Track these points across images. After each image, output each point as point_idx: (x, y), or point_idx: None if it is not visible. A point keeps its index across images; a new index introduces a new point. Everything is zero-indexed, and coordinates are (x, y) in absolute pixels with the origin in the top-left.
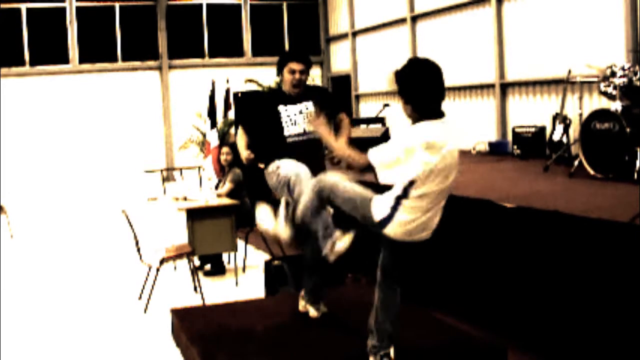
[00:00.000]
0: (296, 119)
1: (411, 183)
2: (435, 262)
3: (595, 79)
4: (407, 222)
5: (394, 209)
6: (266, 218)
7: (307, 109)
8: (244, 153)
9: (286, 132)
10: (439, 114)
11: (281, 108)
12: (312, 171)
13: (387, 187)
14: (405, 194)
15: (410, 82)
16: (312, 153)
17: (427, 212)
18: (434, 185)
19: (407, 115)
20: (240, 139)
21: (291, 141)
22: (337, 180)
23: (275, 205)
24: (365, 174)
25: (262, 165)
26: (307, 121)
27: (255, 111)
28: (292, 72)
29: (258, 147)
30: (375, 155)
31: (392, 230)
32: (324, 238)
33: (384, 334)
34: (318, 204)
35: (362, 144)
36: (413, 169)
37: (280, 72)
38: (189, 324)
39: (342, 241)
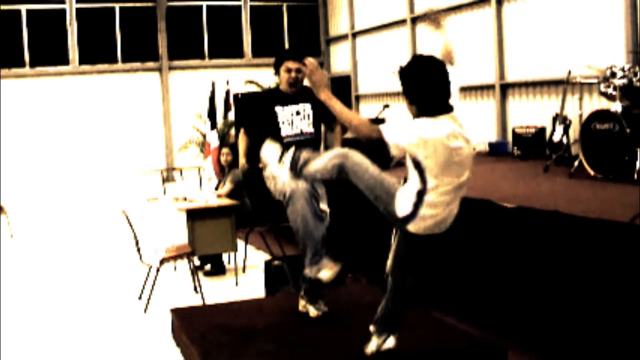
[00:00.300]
0: (293, 119)
1: (426, 174)
2: (436, 262)
3: (595, 80)
4: (430, 217)
5: (417, 206)
6: (271, 157)
7: (304, 110)
8: (241, 161)
9: (283, 133)
10: (448, 109)
11: (278, 109)
12: None
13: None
14: (424, 186)
15: (415, 83)
16: None
17: (448, 205)
18: (452, 178)
19: (413, 115)
20: (241, 142)
21: (288, 142)
22: (363, 163)
23: (275, 206)
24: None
25: (261, 166)
26: (306, 122)
27: (254, 112)
28: (289, 70)
29: (257, 148)
30: (390, 133)
31: (415, 226)
32: (310, 263)
33: (388, 320)
34: (332, 175)
35: (362, 144)
36: (427, 159)
37: (277, 71)
38: (189, 324)
39: (328, 271)
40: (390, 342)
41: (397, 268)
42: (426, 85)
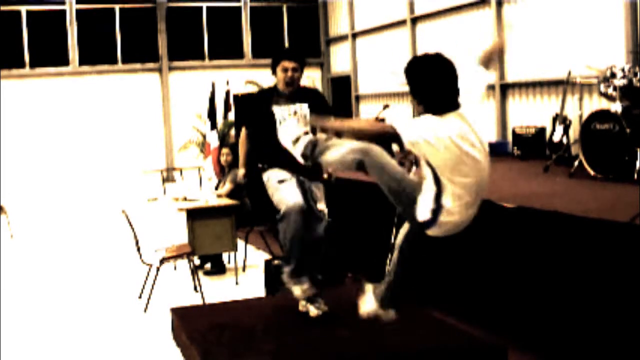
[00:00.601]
0: (290, 119)
1: (438, 174)
2: (435, 261)
3: (595, 80)
4: (449, 223)
5: (435, 213)
6: (287, 137)
7: (301, 109)
8: (240, 172)
9: None
10: (455, 107)
11: (275, 109)
12: (306, 171)
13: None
14: (438, 188)
15: (420, 81)
16: None
17: (467, 210)
18: (463, 179)
19: (420, 113)
20: (241, 147)
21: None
22: (384, 161)
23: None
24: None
25: (261, 166)
26: (302, 122)
27: (252, 113)
28: (285, 70)
29: (256, 150)
30: (404, 129)
31: (434, 232)
32: (290, 275)
33: (393, 297)
34: (349, 169)
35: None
36: (436, 158)
37: (274, 71)
38: (189, 324)
39: (302, 292)
40: (392, 315)
41: (406, 249)
42: (432, 84)
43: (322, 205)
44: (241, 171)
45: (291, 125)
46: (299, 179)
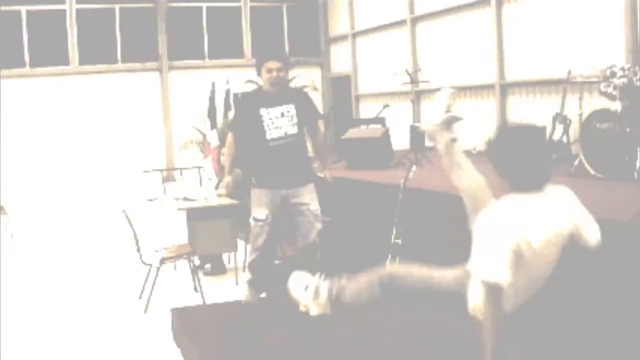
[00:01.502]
0: (278, 122)
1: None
2: (435, 261)
3: (595, 80)
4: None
5: None
6: (298, 288)
7: (288, 111)
8: (226, 179)
9: (268, 136)
10: (539, 186)
11: (263, 111)
12: (296, 174)
13: None
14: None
15: (505, 156)
16: (295, 155)
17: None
18: (526, 274)
19: (505, 191)
20: (228, 150)
21: (274, 145)
22: (413, 276)
23: None
24: None
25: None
26: (290, 124)
27: (241, 115)
28: (270, 70)
29: (246, 152)
30: (489, 272)
31: None
32: (249, 281)
33: None
34: (377, 297)
35: (362, 144)
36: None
37: (259, 72)
38: (189, 324)
39: (245, 293)
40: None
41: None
42: (516, 161)
43: (314, 206)
44: (227, 179)
45: (297, 278)
46: (270, 221)
